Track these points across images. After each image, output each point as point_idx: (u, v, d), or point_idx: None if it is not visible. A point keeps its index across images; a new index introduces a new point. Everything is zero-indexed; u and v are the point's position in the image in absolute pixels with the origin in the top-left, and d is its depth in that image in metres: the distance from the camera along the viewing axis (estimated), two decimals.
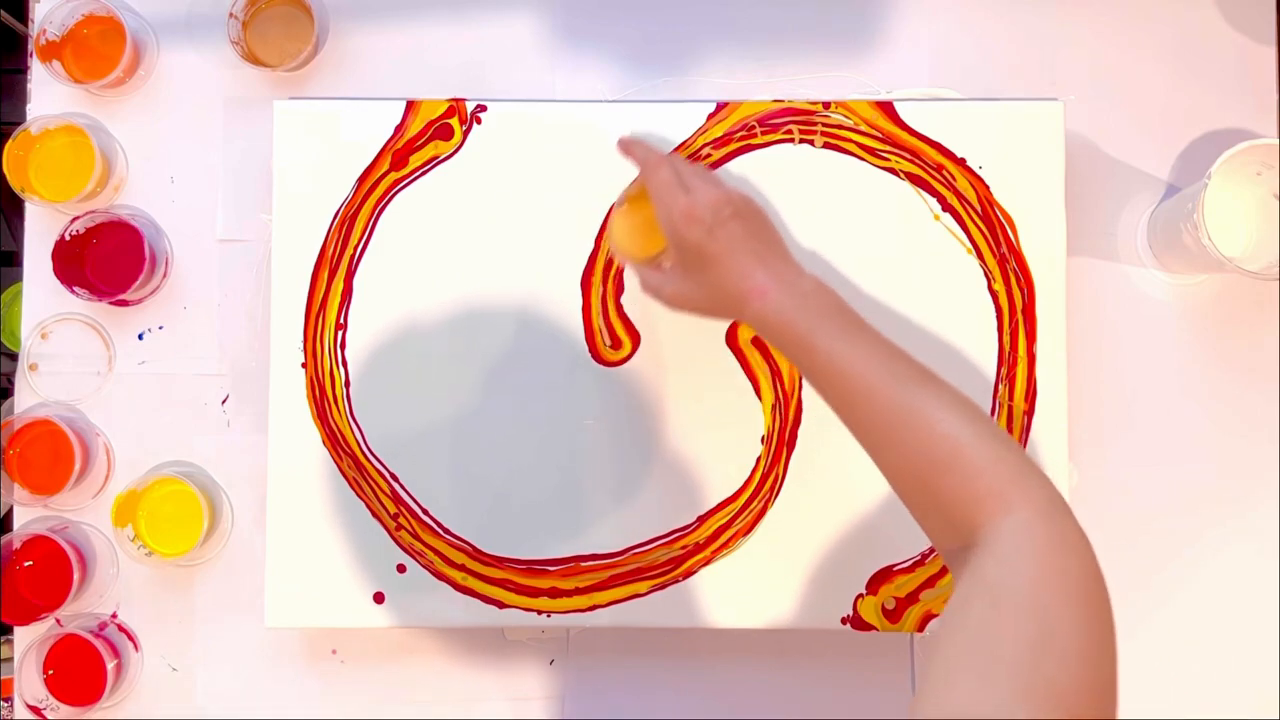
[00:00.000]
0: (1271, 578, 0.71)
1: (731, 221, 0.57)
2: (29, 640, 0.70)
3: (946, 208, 0.69)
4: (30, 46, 0.73)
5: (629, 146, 0.64)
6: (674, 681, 0.72)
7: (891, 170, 0.70)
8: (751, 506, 0.69)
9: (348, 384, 0.70)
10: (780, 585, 0.68)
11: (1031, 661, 0.43)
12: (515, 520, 0.69)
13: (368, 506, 0.69)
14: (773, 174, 0.70)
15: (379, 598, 0.69)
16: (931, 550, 0.68)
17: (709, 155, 0.70)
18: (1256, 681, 0.70)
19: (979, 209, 0.69)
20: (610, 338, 0.70)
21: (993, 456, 0.49)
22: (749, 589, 0.68)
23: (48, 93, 0.74)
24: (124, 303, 0.73)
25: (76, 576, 0.70)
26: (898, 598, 0.68)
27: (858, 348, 0.54)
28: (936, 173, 0.69)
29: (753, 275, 0.56)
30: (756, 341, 0.69)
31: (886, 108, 0.70)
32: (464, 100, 0.71)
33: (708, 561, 0.68)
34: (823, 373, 0.54)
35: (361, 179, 0.70)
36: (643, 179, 0.62)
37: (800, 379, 0.69)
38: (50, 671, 0.70)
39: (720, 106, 0.70)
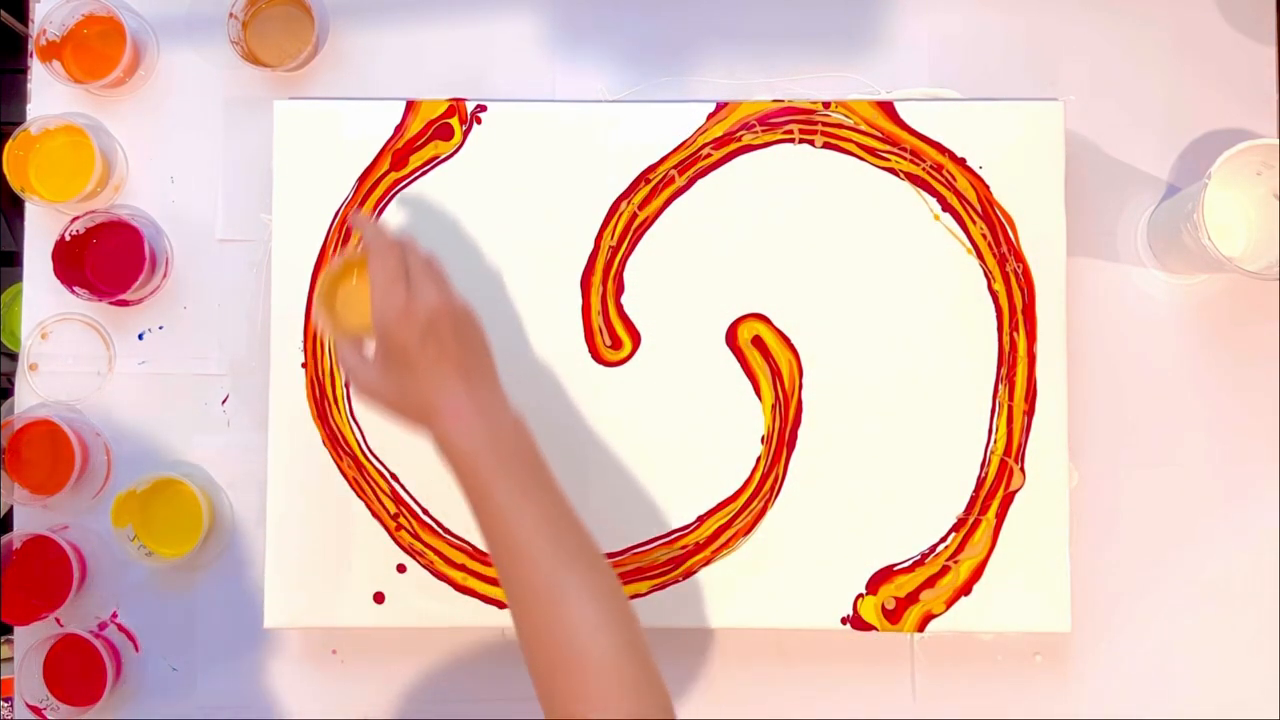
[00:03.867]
0: (1272, 578, 0.71)
1: (447, 334, 0.55)
2: (29, 640, 0.70)
3: (946, 208, 0.69)
4: (30, 46, 0.73)
5: (356, 223, 0.61)
6: (674, 681, 0.72)
7: (891, 170, 0.70)
8: (751, 506, 0.69)
9: (348, 384, 0.70)
10: (780, 585, 0.68)
11: None
12: None
13: (368, 506, 0.69)
14: (773, 174, 0.70)
15: (379, 598, 0.69)
16: (931, 550, 0.68)
17: (709, 155, 0.70)
18: (1256, 681, 0.70)
19: (979, 209, 0.69)
20: (610, 338, 0.70)
21: (603, 665, 0.50)
22: (749, 589, 0.68)
23: (48, 93, 0.74)
24: (124, 303, 0.73)
25: (76, 576, 0.70)
26: (898, 598, 0.68)
27: (532, 507, 0.53)
28: (936, 173, 0.69)
29: (453, 394, 0.55)
30: (756, 341, 0.69)
31: (886, 108, 0.70)
32: (464, 100, 0.71)
33: (708, 561, 0.68)
34: (490, 518, 0.53)
35: (361, 179, 0.70)
36: (367, 260, 0.59)
37: (800, 379, 0.69)
38: (50, 671, 0.70)
39: (720, 106, 0.70)
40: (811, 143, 0.70)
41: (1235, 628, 0.70)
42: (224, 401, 0.73)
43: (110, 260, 0.72)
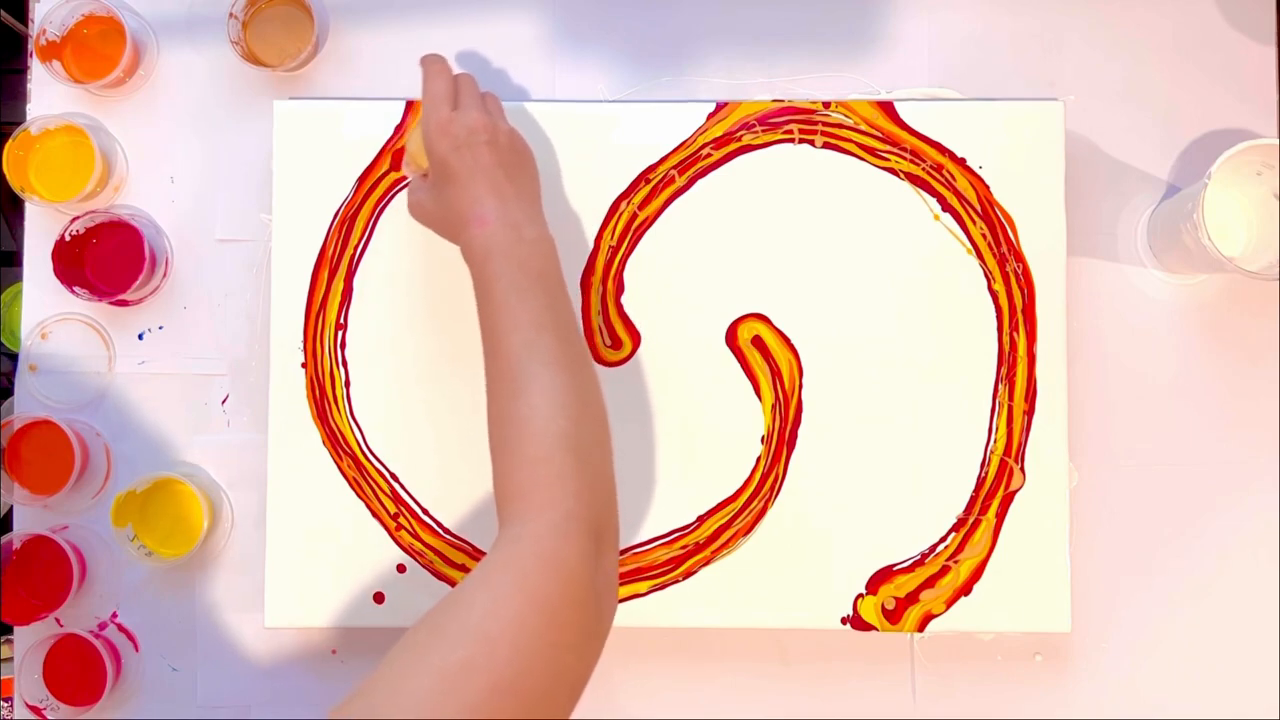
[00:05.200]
0: (1271, 578, 0.71)
1: (483, 147, 0.58)
2: (29, 640, 0.70)
3: (946, 208, 0.69)
4: (30, 46, 0.73)
5: (424, 59, 0.64)
6: (674, 681, 0.72)
7: (891, 170, 0.70)
8: (751, 506, 0.69)
9: (348, 384, 0.70)
10: (780, 585, 0.68)
11: (461, 666, 0.44)
12: None
13: (368, 506, 0.69)
14: (773, 174, 0.70)
15: (379, 598, 0.69)
16: (931, 550, 0.68)
17: (709, 155, 0.70)
18: (1256, 681, 0.70)
19: (979, 209, 0.69)
20: (610, 338, 0.70)
21: (544, 455, 0.50)
22: (749, 589, 0.68)
23: (48, 93, 0.74)
24: (124, 303, 0.73)
25: (76, 576, 0.70)
26: (898, 598, 0.68)
27: (521, 307, 0.54)
28: (936, 173, 0.69)
29: (483, 203, 0.57)
30: (756, 341, 0.69)
31: (886, 107, 0.70)
32: None
33: (708, 561, 0.68)
34: (486, 316, 0.55)
35: (361, 179, 0.70)
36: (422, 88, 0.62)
37: (800, 379, 0.69)
38: (50, 671, 0.70)
39: (720, 106, 0.70)
40: (811, 143, 0.70)
41: (1235, 627, 0.71)
42: (224, 401, 0.73)
43: (110, 260, 0.72)
